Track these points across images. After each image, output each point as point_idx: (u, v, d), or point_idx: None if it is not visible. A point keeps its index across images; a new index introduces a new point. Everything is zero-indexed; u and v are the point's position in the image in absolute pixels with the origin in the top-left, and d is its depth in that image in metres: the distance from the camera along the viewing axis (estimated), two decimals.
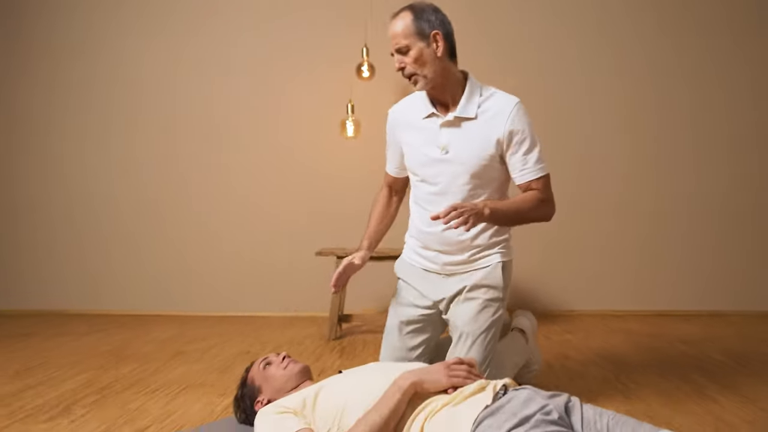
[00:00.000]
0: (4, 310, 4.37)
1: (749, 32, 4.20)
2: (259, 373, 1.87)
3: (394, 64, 2.05)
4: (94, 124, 4.43)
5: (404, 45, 1.98)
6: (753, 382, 2.47)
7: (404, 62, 2.00)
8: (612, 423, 1.37)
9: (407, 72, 2.02)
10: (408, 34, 1.97)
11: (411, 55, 1.98)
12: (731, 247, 4.19)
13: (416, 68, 2.00)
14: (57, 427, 2.00)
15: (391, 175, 2.34)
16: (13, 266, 4.47)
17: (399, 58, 2.01)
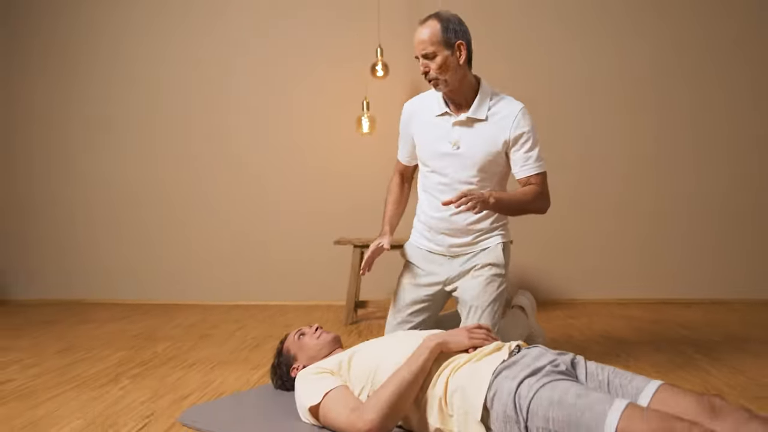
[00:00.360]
0: (24, 300, 4.56)
1: (749, 32, 4.37)
2: (294, 342, 2.06)
3: (419, 68, 2.25)
4: (113, 121, 4.60)
5: (431, 51, 2.18)
6: (745, 357, 2.65)
7: (429, 67, 2.19)
8: (612, 375, 1.56)
9: (431, 76, 2.22)
10: (435, 42, 2.17)
11: (436, 62, 2.18)
12: (732, 236, 4.36)
13: (439, 74, 2.20)
14: (107, 394, 2.19)
15: (402, 163, 2.57)
16: (33, 258, 4.65)
17: (424, 62, 2.21)
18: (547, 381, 1.46)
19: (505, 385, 1.49)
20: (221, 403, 2.03)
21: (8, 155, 4.71)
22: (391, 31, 4.38)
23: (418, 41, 2.21)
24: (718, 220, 4.37)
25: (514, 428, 1.44)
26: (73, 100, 4.65)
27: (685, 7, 4.40)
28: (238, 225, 4.56)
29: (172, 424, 1.84)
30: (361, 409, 1.59)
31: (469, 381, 1.56)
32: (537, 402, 1.42)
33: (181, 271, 4.57)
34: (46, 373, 2.51)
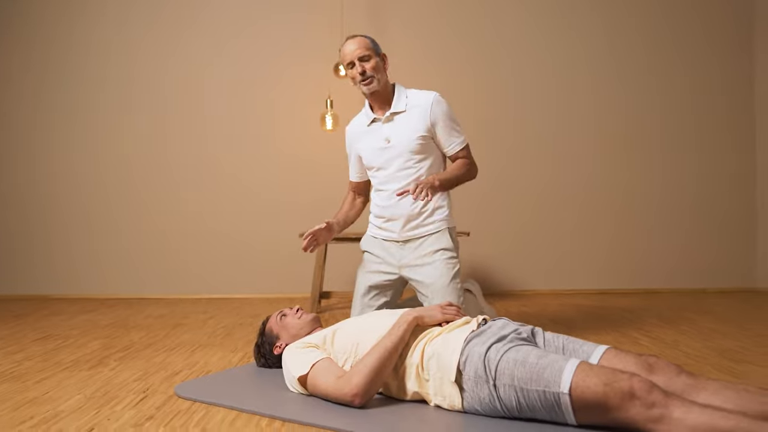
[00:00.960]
0: None
1: (720, 30, 4.75)
2: (276, 323, 2.23)
3: (352, 72, 2.56)
4: (82, 116, 4.66)
5: (366, 55, 2.55)
6: (675, 334, 2.98)
7: (365, 67, 2.53)
8: (566, 342, 1.81)
9: (367, 75, 2.55)
10: (368, 48, 2.56)
11: (371, 63, 2.54)
12: (661, 234, 4.74)
13: (374, 73, 2.55)
14: (100, 374, 2.31)
15: (354, 181, 2.89)
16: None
17: (360, 65, 2.53)
18: (511, 346, 1.69)
19: (475, 350, 1.71)
20: (212, 378, 2.19)
21: None
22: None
23: (354, 48, 2.56)
24: (647, 221, 4.74)
25: (484, 387, 1.67)
26: (43, 96, 4.69)
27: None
28: (204, 219, 4.67)
29: (169, 396, 1.99)
30: (347, 376, 1.79)
31: (443, 348, 1.77)
32: (504, 363, 1.64)
33: (145, 266, 4.66)
34: (29, 358, 2.60)
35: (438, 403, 1.78)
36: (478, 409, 1.70)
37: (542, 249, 4.70)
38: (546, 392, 1.57)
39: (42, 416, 1.80)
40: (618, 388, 1.48)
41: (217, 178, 4.68)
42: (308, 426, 1.69)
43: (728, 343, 2.79)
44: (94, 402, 1.94)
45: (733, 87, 4.77)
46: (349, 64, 2.57)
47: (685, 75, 4.76)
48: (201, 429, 1.68)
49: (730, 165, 4.78)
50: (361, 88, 2.58)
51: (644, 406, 1.45)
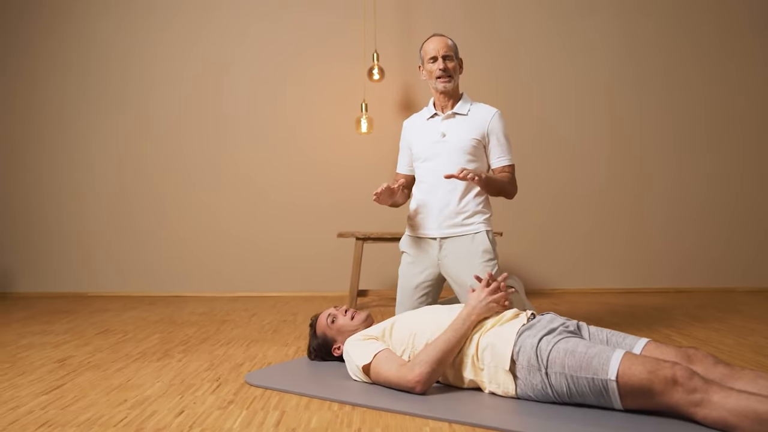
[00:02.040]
0: (19, 293, 4.81)
1: (736, 32, 4.85)
2: (328, 327, 2.36)
3: (438, 65, 2.73)
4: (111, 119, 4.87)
5: (450, 55, 2.77)
6: (706, 331, 3.11)
7: (447, 65, 2.73)
8: (609, 335, 1.96)
9: (448, 72, 2.73)
10: (453, 49, 2.80)
11: (453, 63, 2.77)
12: (690, 231, 4.85)
13: (453, 72, 2.77)
14: (169, 365, 2.50)
15: (401, 173, 3.02)
16: (35, 253, 4.88)
17: (444, 62, 2.73)
18: (561, 338, 1.84)
19: (527, 342, 1.87)
20: (275, 368, 2.37)
21: (10, 151, 4.91)
22: (386, 38, 4.76)
23: (441, 45, 2.75)
24: (672, 220, 4.84)
25: (537, 375, 1.83)
26: (66, 95, 4.87)
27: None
28: (242, 220, 4.86)
29: (241, 384, 2.17)
30: (410, 365, 1.96)
31: (497, 339, 1.93)
32: (555, 353, 1.80)
33: (183, 265, 4.84)
34: (99, 350, 2.79)
35: (492, 390, 1.94)
36: (531, 395, 1.86)
37: (567, 248, 4.83)
38: (595, 379, 1.72)
39: (134, 399, 1.98)
40: (662, 375, 1.63)
41: (253, 183, 4.86)
42: (375, 409, 1.85)
43: (761, 340, 2.92)
44: (174, 388, 2.12)
45: (750, 87, 4.85)
46: (432, 59, 2.74)
47: (701, 78, 4.86)
48: (280, 411, 1.85)
49: (758, 159, 4.86)
50: (437, 84, 2.75)
51: (686, 392, 1.60)
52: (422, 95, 4.77)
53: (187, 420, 1.78)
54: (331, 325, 2.35)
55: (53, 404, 1.95)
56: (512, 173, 2.80)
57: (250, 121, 4.87)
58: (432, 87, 2.80)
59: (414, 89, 4.82)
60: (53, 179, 4.90)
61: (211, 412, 1.85)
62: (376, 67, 4.57)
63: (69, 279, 4.85)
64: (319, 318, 2.42)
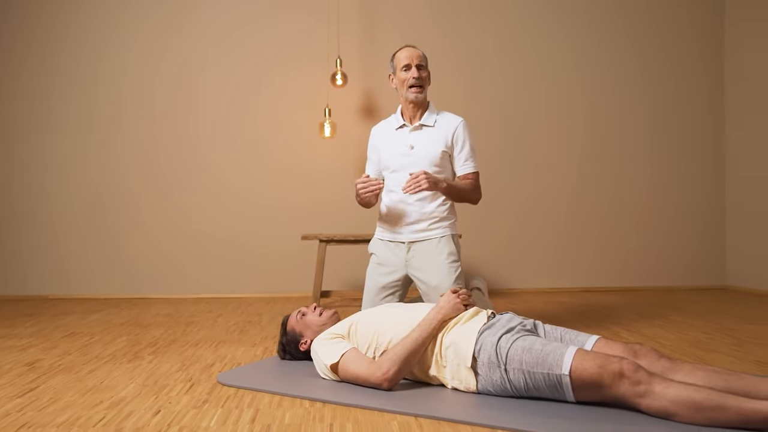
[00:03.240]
0: None
1: (694, 38, 5.13)
2: (297, 322, 2.48)
3: (412, 74, 2.84)
4: (79, 120, 4.84)
5: (424, 65, 2.91)
6: (652, 329, 3.31)
7: (421, 75, 2.86)
8: (563, 332, 2.11)
9: (420, 82, 2.86)
10: (425, 60, 2.93)
11: (426, 72, 2.90)
12: (641, 234, 5.10)
13: (425, 82, 2.89)
14: (140, 367, 2.55)
15: None
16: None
17: (418, 71, 2.84)
18: (519, 336, 1.98)
19: (488, 340, 2.00)
20: (246, 368, 2.45)
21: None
22: (349, 43, 4.86)
23: (415, 54, 2.87)
24: (625, 223, 5.10)
25: (497, 371, 1.96)
26: (36, 95, 4.83)
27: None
28: (203, 221, 4.89)
29: (214, 384, 2.24)
30: (378, 362, 2.07)
31: (459, 338, 2.06)
32: (513, 350, 1.94)
33: (145, 267, 4.85)
34: (67, 353, 2.81)
35: (455, 386, 2.07)
36: (491, 390, 1.99)
37: (527, 250, 5.02)
38: (550, 374, 1.86)
39: (110, 401, 2.04)
40: (610, 370, 1.78)
41: (217, 183, 4.90)
42: (345, 405, 1.95)
43: (700, 335, 3.13)
44: (148, 389, 2.18)
45: (704, 95, 5.14)
46: (406, 67, 2.85)
47: (664, 81, 5.12)
48: (254, 409, 1.94)
49: (702, 170, 5.15)
50: (408, 94, 2.86)
51: (632, 384, 1.75)
52: (384, 101, 4.88)
53: (164, 419, 1.85)
54: (299, 320, 2.46)
55: (29, 406, 1.99)
56: (476, 180, 2.93)
57: (215, 123, 4.91)
58: (402, 96, 2.91)
59: (376, 95, 4.94)
60: (15, 181, 4.84)
61: (187, 411, 1.92)
62: (339, 73, 4.66)
63: (30, 282, 4.81)
64: (290, 315, 2.53)
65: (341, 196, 4.86)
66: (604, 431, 1.67)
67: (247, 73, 4.90)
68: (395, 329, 2.16)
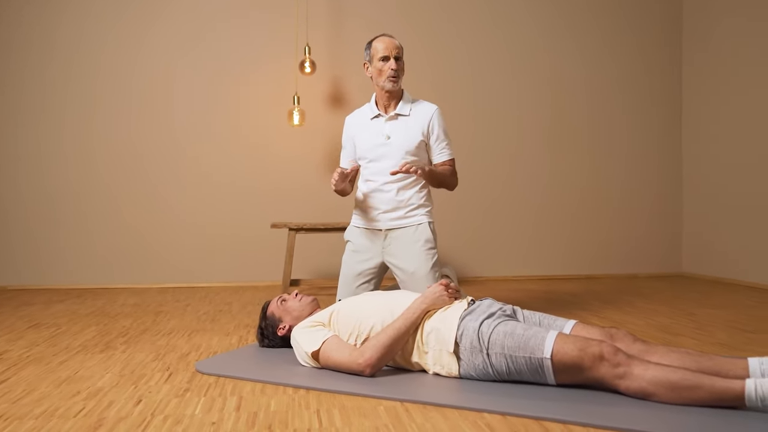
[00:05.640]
0: None
1: (650, 28, 5.23)
2: (277, 307, 2.49)
3: (390, 65, 2.84)
4: (51, 105, 4.68)
5: (401, 56, 2.90)
6: (618, 314, 3.41)
7: (399, 66, 2.86)
8: (541, 317, 2.16)
9: (398, 73, 2.85)
10: (401, 51, 2.91)
11: (402, 63, 2.89)
12: (599, 223, 5.23)
13: (401, 73, 2.88)
14: (113, 357, 2.50)
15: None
16: None
17: (396, 62, 2.84)
18: (500, 321, 2.02)
19: (469, 325, 2.03)
20: (224, 356, 2.43)
21: None
22: (317, 31, 4.82)
23: (393, 45, 2.87)
24: (583, 212, 5.21)
25: (479, 355, 1.99)
26: (8, 91, 4.66)
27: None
28: (169, 209, 4.79)
29: (192, 373, 2.22)
30: (361, 349, 2.07)
31: (441, 324, 2.08)
32: (495, 335, 1.97)
33: (107, 256, 4.74)
34: (34, 344, 2.74)
35: (437, 371, 2.09)
36: (473, 374, 2.02)
37: (494, 240, 5.09)
38: (531, 358, 1.90)
39: (87, 391, 2.00)
40: (590, 353, 1.83)
41: (181, 169, 4.80)
42: (329, 392, 1.96)
43: (665, 320, 3.24)
44: (126, 379, 2.14)
45: (661, 81, 5.28)
46: (384, 58, 2.83)
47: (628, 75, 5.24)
48: (237, 397, 1.93)
49: (659, 162, 5.29)
50: (385, 84, 2.85)
51: (611, 366, 1.81)
52: (353, 90, 4.87)
53: (147, 408, 1.82)
54: (279, 306, 2.46)
55: (3, 398, 1.94)
56: (453, 166, 2.97)
57: (182, 110, 4.81)
58: (378, 85, 2.90)
59: (344, 83, 4.91)
60: None
61: (169, 401, 1.90)
62: (307, 60, 4.62)
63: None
64: (271, 301, 2.52)
65: (309, 183, 4.84)
66: (586, 411, 1.72)
67: (216, 60, 4.82)
68: (377, 317, 2.17)
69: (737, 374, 1.83)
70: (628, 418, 1.66)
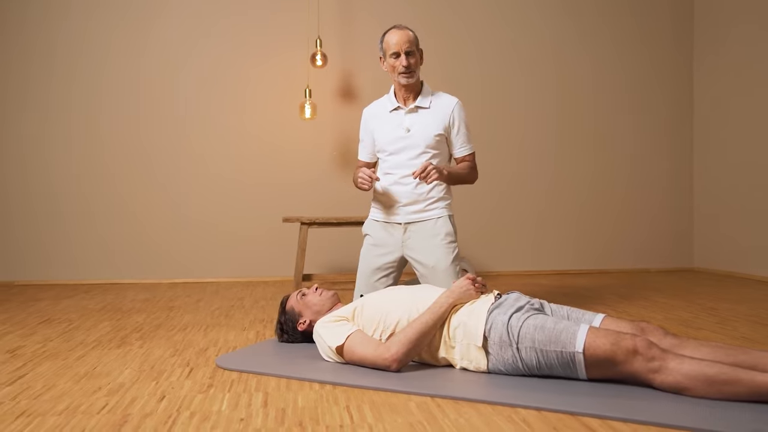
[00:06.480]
0: None
1: (661, 25, 5.18)
2: (297, 302, 2.45)
3: (397, 63, 2.78)
4: (58, 105, 4.65)
5: (413, 50, 2.81)
6: (635, 308, 3.38)
7: (409, 61, 2.77)
8: (569, 311, 2.12)
9: (411, 68, 2.78)
10: (414, 44, 2.82)
11: (416, 58, 2.81)
12: (610, 218, 5.18)
13: (415, 67, 2.80)
14: (131, 352, 2.46)
15: (363, 161, 3.08)
16: None
17: (407, 58, 2.76)
18: (529, 315, 1.98)
19: (498, 319, 1.99)
20: (244, 351, 2.39)
21: None
22: (329, 24, 4.77)
23: (404, 41, 2.77)
24: (601, 207, 5.17)
25: (508, 350, 1.95)
26: (14, 88, 4.62)
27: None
28: (179, 204, 4.76)
29: (214, 369, 2.18)
30: (387, 344, 2.04)
31: (468, 318, 2.05)
32: (525, 329, 1.93)
33: (117, 252, 4.69)
34: (48, 340, 2.70)
35: (464, 366, 2.05)
36: (502, 369, 1.98)
37: (506, 234, 5.05)
38: (563, 352, 1.87)
39: (108, 387, 1.96)
40: (624, 346, 1.79)
41: (190, 164, 4.76)
42: (357, 387, 1.92)
43: (684, 314, 3.20)
44: (147, 374, 2.11)
45: (672, 80, 5.23)
46: (394, 54, 2.77)
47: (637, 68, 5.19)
48: (263, 393, 1.89)
49: (670, 158, 5.25)
50: (399, 79, 2.79)
51: (645, 360, 1.77)
52: (364, 83, 4.82)
53: (172, 404, 1.79)
54: (299, 300, 2.42)
55: (22, 394, 1.90)
56: (473, 161, 2.94)
57: (193, 104, 4.76)
58: (394, 80, 2.85)
59: (355, 77, 4.87)
60: None
61: (193, 397, 1.86)
62: (319, 53, 4.58)
63: None
64: (290, 295, 2.48)
65: (321, 177, 4.80)
66: (623, 406, 1.68)
67: (227, 54, 4.76)
68: (403, 312, 2.13)
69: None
70: (669, 414, 1.62)
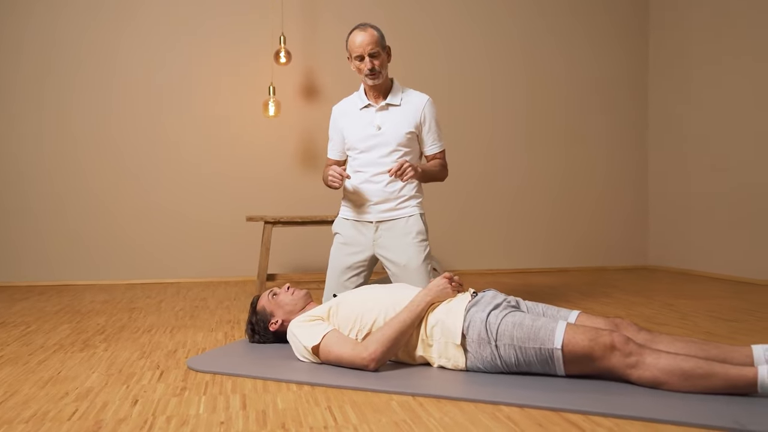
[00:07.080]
0: None
1: (621, 31, 5.29)
2: (269, 302, 2.40)
3: (361, 65, 2.75)
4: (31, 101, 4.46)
5: (376, 51, 2.74)
6: (599, 305, 3.44)
7: (374, 63, 2.73)
8: (544, 308, 2.14)
9: (375, 70, 2.75)
10: (378, 44, 2.75)
11: (380, 59, 2.75)
12: (570, 217, 5.28)
13: (380, 68, 2.76)
14: (96, 355, 2.37)
15: (333, 159, 3.04)
16: None
17: (371, 60, 2.72)
18: (507, 312, 1.99)
19: (476, 316, 1.99)
20: (216, 353, 2.33)
21: None
22: (292, 21, 4.72)
23: (367, 42, 2.72)
24: (553, 207, 5.26)
25: (487, 347, 1.96)
26: None
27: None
28: (139, 203, 4.63)
29: (185, 371, 2.12)
30: (364, 343, 2.02)
31: (446, 316, 2.04)
32: (503, 326, 1.94)
33: (70, 252, 4.53)
34: (5, 344, 2.58)
35: (442, 364, 2.05)
36: (480, 366, 1.99)
37: (470, 233, 5.08)
38: (542, 349, 1.88)
39: (76, 392, 1.88)
40: (601, 342, 1.82)
41: (152, 161, 4.63)
42: (336, 387, 1.89)
43: (646, 311, 3.28)
44: (115, 378, 2.03)
45: (630, 80, 5.35)
46: (358, 57, 2.73)
47: (589, 63, 5.30)
48: (240, 395, 1.84)
49: (625, 157, 5.38)
50: (366, 80, 2.76)
51: (623, 356, 1.80)
52: (328, 81, 4.79)
53: (146, 409, 1.73)
54: (271, 300, 2.37)
55: None
56: (444, 158, 2.94)
57: (155, 99, 4.64)
58: (362, 80, 2.83)
59: (319, 74, 4.82)
60: None
61: (168, 400, 1.80)
62: (282, 50, 4.52)
63: None
64: (261, 295, 2.43)
65: (285, 175, 4.74)
66: (604, 401, 1.70)
67: (190, 51, 4.65)
68: (380, 311, 2.11)
69: (742, 362, 1.85)
70: (650, 408, 1.64)
